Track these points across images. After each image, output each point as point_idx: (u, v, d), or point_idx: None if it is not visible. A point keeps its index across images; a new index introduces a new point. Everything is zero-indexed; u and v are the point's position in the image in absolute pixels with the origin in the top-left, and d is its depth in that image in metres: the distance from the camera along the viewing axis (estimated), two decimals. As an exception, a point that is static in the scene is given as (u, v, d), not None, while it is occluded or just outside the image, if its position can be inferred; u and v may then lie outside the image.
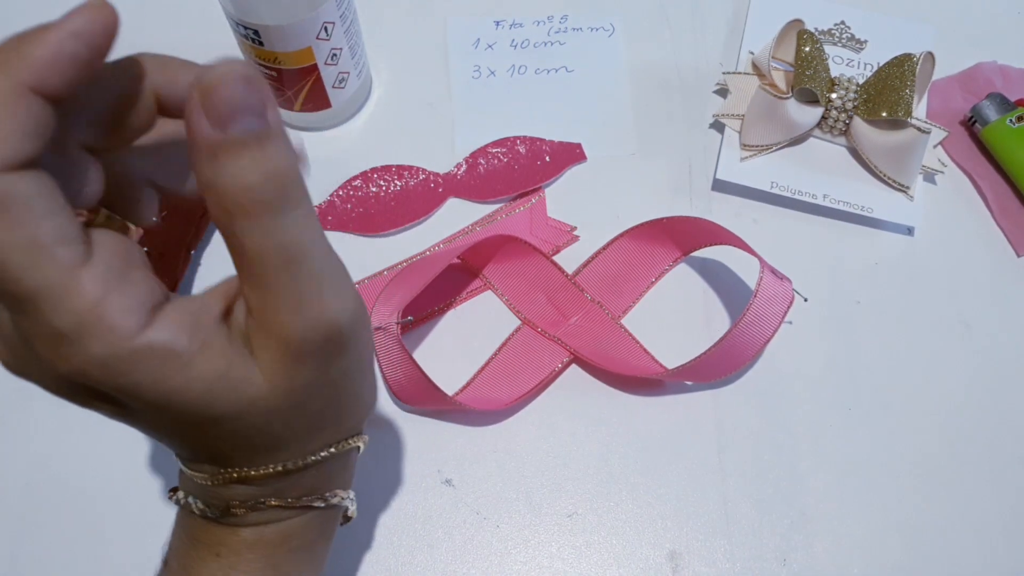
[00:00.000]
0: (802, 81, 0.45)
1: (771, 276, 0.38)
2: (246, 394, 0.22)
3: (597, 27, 0.52)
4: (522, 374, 0.41)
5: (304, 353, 0.22)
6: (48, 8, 0.58)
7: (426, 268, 0.40)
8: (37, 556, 0.37)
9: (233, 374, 0.21)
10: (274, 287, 0.21)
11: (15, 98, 0.19)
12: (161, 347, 0.20)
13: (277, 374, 0.22)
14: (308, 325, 0.21)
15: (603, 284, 0.44)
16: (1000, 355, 0.43)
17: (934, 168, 0.46)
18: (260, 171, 0.19)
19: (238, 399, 0.22)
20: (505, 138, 0.48)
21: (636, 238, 0.44)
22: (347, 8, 0.42)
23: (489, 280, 0.44)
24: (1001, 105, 0.47)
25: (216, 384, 0.21)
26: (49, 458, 0.39)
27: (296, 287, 0.21)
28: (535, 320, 0.42)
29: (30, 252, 0.19)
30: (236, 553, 0.27)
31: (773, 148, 0.47)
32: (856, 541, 0.38)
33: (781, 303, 0.39)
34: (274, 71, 0.42)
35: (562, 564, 0.37)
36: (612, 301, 0.43)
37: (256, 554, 0.27)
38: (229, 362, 0.21)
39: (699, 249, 0.44)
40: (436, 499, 0.38)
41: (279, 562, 0.27)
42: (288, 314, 0.21)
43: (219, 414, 0.22)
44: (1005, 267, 0.45)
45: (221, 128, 0.19)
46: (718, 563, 0.37)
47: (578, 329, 0.42)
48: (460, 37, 0.52)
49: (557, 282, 0.43)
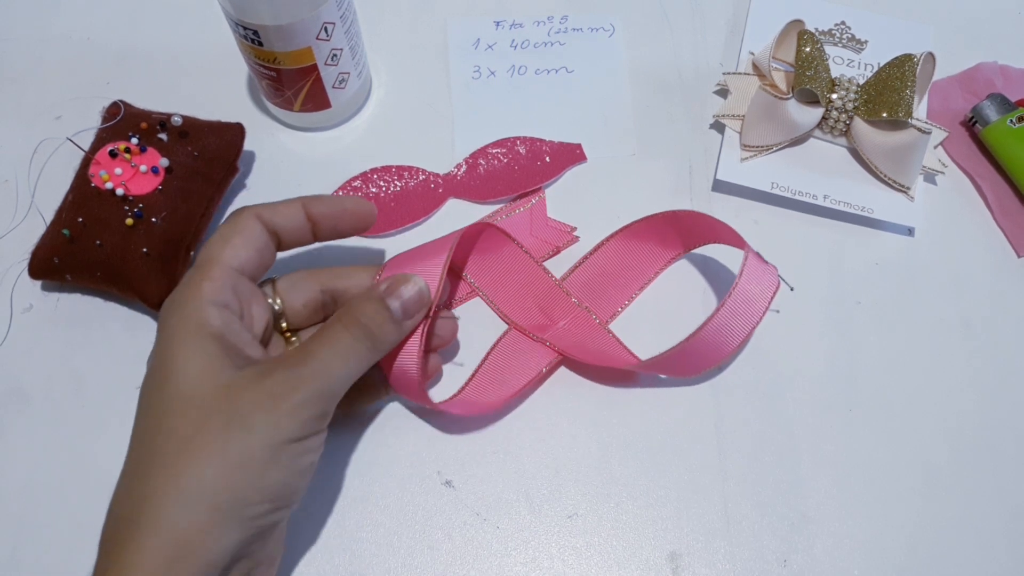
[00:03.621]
0: (802, 81, 0.45)
1: (756, 260, 0.38)
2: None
3: (597, 27, 0.52)
4: (510, 378, 0.40)
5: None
6: (48, 8, 0.58)
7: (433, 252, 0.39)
8: (37, 556, 0.37)
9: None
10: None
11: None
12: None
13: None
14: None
15: (594, 286, 0.43)
16: (1001, 355, 0.43)
17: (934, 168, 0.46)
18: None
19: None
20: (505, 139, 0.48)
21: (628, 238, 0.43)
22: (347, 8, 0.42)
23: (478, 287, 0.43)
24: (1001, 105, 0.47)
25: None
26: (49, 458, 0.39)
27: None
28: (523, 325, 0.42)
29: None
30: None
31: (773, 148, 0.47)
32: (857, 543, 0.38)
33: (767, 287, 0.39)
34: (273, 71, 0.42)
35: (562, 565, 0.37)
36: (602, 304, 0.43)
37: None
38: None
39: (693, 248, 0.44)
40: (436, 500, 0.38)
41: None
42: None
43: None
44: (1005, 267, 0.45)
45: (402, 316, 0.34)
46: (718, 564, 0.37)
47: (565, 332, 0.42)
48: (460, 37, 0.52)
49: (545, 287, 0.43)
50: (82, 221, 0.41)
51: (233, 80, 0.50)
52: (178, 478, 0.28)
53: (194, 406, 0.29)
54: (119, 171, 0.41)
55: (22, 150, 0.46)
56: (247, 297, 0.33)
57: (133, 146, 0.42)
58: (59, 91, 0.49)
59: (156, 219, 0.41)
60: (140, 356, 0.41)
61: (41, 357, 0.42)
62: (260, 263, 0.34)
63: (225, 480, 0.28)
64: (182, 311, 0.31)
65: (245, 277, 0.33)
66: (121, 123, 0.43)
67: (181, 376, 0.29)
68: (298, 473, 0.30)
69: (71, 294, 0.43)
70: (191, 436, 0.28)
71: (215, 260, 0.32)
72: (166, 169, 0.42)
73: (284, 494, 0.30)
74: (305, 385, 0.30)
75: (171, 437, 0.29)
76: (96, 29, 0.52)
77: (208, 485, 0.28)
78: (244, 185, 0.46)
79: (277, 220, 0.34)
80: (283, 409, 0.29)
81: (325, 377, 0.30)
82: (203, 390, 0.29)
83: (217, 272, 0.32)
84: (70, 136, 0.43)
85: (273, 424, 0.29)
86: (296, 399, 0.29)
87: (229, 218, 0.34)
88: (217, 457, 0.28)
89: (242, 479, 0.28)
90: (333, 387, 0.31)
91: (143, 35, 0.52)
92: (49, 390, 0.41)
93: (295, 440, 0.29)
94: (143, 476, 0.28)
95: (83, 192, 0.41)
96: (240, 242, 0.33)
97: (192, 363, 0.30)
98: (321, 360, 0.31)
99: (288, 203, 0.34)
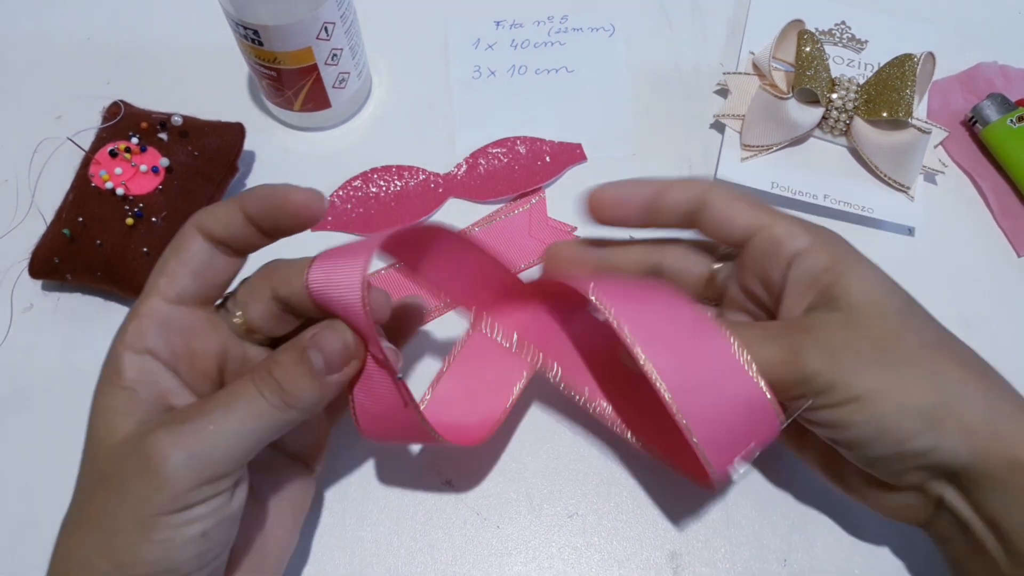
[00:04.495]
0: (803, 81, 0.45)
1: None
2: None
3: (597, 27, 0.52)
4: (484, 393, 0.36)
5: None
6: (48, 7, 0.58)
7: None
8: (37, 556, 0.37)
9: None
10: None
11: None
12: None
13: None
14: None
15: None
16: (1001, 355, 0.43)
17: (935, 168, 0.46)
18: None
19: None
20: (505, 138, 0.48)
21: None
22: (347, 8, 0.42)
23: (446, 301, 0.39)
24: (1002, 105, 0.47)
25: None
26: (49, 458, 0.39)
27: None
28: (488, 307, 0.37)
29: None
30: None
31: (774, 148, 0.47)
32: (857, 542, 0.38)
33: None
34: (273, 71, 0.42)
35: (563, 565, 0.37)
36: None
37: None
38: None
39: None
40: (436, 500, 0.38)
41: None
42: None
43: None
44: (1005, 267, 0.45)
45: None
46: (718, 564, 0.37)
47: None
48: (460, 37, 0.52)
49: (507, 282, 0.37)
50: (82, 221, 0.41)
51: (233, 80, 0.50)
52: (67, 546, 0.27)
53: (89, 466, 0.28)
54: (119, 171, 0.41)
55: (22, 150, 0.46)
56: (186, 332, 0.29)
57: (133, 146, 0.42)
58: (59, 91, 0.49)
59: (156, 219, 0.41)
60: (140, 356, 0.41)
61: (41, 357, 0.42)
62: (204, 285, 0.30)
63: (102, 551, 0.26)
64: (108, 355, 0.29)
65: (186, 306, 0.29)
66: (121, 123, 0.43)
67: (93, 429, 0.28)
68: (180, 545, 0.26)
69: (71, 294, 0.43)
70: (85, 499, 0.28)
71: (147, 294, 0.29)
72: (166, 169, 0.42)
73: (166, 568, 0.26)
74: (180, 448, 0.26)
75: (75, 497, 0.28)
76: (96, 29, 0.52)
77: (89, 556, 0.26)
78: (244, 185, 0.46)
79: (216, 229, 0.29)
80: (154, 477, 0.26)
81: (211, 438, 0.26)
82: (100, 448, 0.27)
83: (145, 310, 0.29)
84: (70, 136, 0.44)
85: (141, 494, 0.26)
86: (169, 466, 0.25)
87: (176, 234, 0.30)
88: (97, 524, 0.26)
89: (117, 550, 0.26)
90: (225, 450, 0.26)
91: (143, 35, 0.52)
92: (49, 390, 0.41)
93: (169, 512, 0.26)
94: (59, 534, 0.28)
95: (83, 192, 0.41)
96: (175, 267, 0.29)
97: (98, 418, 0.28)
98: (209, 418, 0.27)
99: (225, 205, 0.30)
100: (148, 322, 0.29)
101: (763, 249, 0.32)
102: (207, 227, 0.29)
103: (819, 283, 0.31)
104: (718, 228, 0.33)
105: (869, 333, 0.29)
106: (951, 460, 0.29)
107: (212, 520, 0.27)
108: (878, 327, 0.30)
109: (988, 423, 0.29)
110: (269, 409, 0.27)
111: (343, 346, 0.29)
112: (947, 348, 0.31)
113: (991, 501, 0.29)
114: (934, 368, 0.29)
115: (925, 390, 0.29)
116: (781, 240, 0.31)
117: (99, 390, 0.28)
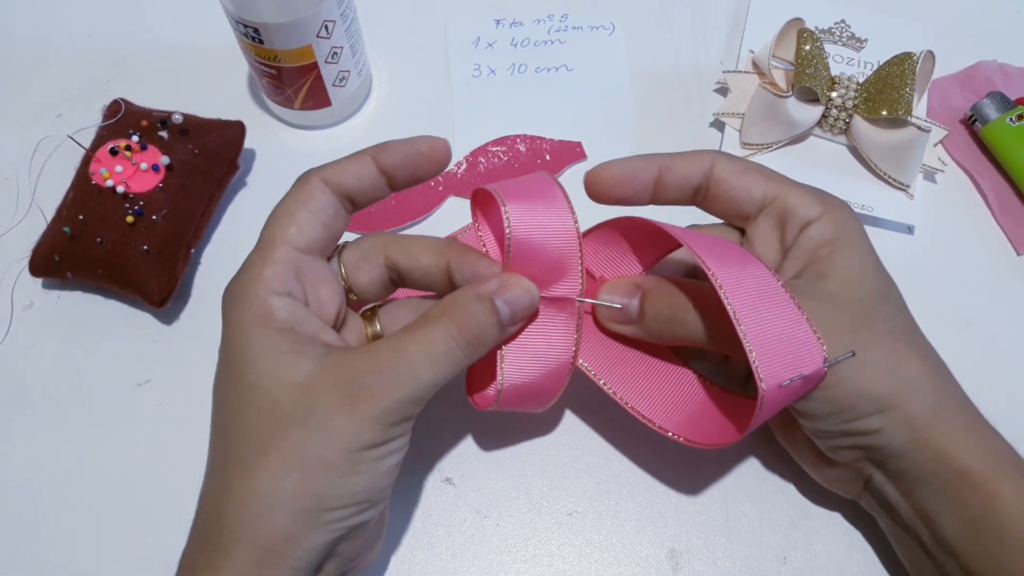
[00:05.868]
0: (802, 80, 0.45)
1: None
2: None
3: (597, 26, 0.52)
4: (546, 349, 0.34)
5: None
6: (49, 6, 0.58)
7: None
8: (37, 556, 0.37)
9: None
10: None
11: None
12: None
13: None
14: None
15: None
16: (1001, 353, 0.43)
17: (934, 167, 0.46)
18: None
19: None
20: (505, 137, 0.48)
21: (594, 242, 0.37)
22: (347, 6, 0.42)
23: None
24: (1001, 104, 0.47)
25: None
26: (49, 457, 0.39)
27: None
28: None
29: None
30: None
31: (773, 147, 0.47)
32: (856, 539, 0.38)
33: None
34: (274, 69, 0.42)
35: (562, 562, 0.37)
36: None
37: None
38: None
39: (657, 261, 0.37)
40: (436, 497, 0.38)
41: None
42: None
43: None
44: (1005, 266, 0.45)
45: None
46: (718, 561, 0.37)
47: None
48: (460, 36, 0.52)
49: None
50: (83, 219, 0.41)
51: (234, 78, 0.50)
52: (257, 484, 0.27)
53: (269, 405, 0.27)
54: (120, 169, 0.41)
55: (23, 148, 0.46)
56: (315, 280, 0.30)
57: (134, 144, 0.42)
58: (60, 89, 0.49)
59: (157, 217, 0.41)
60: (141, 354, 0.42)
61: (42, 355, 0.42)
62: (329, 237, 0.31)
63: (304, 486, 0.26)
64: (244, 303, 0.28)
65: (313, 256, 0.30)
66: (122, 121, 0.43)
67: (253, 373, 0.28)
68: (381, 476, 0.28)
69: (72, 292, 0.43)
70: (268, 437, 0.27)
71: (278, 241, 0.29)
72: (167, 167, 0.42)
73: (368, 497, 0.28)
74: (390, 391, 0.27)
75: (247, 436, 0.27)
76: (97, 27, 0.52)
77: (287, 491, 0.26)
78: (245, 183, 0.46)
79: (347, 182, 0.31)
80: (364, 415, 0.27)
81: (414, 383, 0.28)
82: (277, 388, 0.27)
83: (280, 255, 0.29)
84: (71, 134, 0.44)
85: (353, 430, 0.27)
86: (380, 406, 0.27)
87: (294, 187, 0.31)
88: (295, 461, 0.27)
89: (322, 484, 0.27)
90: (422, 394, 0.28)
91: (144, 33, 0.52)
92: (49, 388, 0.41)
93: (377, 446, 0.28)
94: (224, 476, 0.28)
95: (84, 190, 0.41)
96: (306, 217, 0.30)
97: (263, 360, 0.28)
98: (411, 365, 0.28)
99: (355, 159, 0.31)
100: (285, 267, 0.29)
101: (776, 218, 0.33)
102: (335, 180, 0.31)
103: (816, 255, 0.32)
104: (731, 203, 0.34)
105: (844, 312, 0.31)
106: (889, 445, 0.31)
107: (403, 452, 0.29)
108: (853, 308, 0.31)
109: (930, 418, 0.30)
110: (461, 358, 0.29)
111: (530, 302, 0.31)
112: (911, 340, 0.32)
113: (919, 490, 0.31)
114: (896, 357, 0.31)
115: (883, 376, 0.30)
116: (795, 210, 0.33)
117: (249, 334, 0.28)
